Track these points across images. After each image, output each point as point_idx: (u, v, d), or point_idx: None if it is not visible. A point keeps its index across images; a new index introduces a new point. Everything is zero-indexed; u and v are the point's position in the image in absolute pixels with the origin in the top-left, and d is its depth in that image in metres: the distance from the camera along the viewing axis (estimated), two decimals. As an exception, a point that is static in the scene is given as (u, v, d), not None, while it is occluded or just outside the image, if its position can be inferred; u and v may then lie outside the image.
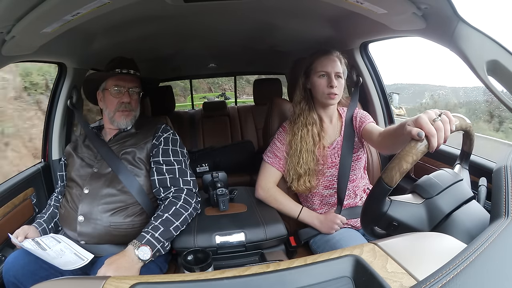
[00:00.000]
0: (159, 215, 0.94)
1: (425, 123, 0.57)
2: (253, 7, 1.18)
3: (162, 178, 1.02)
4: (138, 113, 1.13)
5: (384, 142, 0.94)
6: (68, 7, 0.79)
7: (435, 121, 0.57)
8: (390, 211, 0.61)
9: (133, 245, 0.87)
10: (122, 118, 1.08)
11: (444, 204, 0.61)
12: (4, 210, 1.14)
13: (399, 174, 0.57)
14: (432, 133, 0.56)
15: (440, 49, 0.82)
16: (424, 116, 0.58)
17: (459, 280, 0.38)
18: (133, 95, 1.09)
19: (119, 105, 1.07)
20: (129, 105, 1.08)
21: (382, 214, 0.61)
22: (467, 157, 0.74)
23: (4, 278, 0.92)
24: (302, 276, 0.45)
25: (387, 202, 0.62)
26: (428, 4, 0.79)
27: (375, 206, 0.62)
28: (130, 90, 1.08)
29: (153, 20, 1.24)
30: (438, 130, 0.56)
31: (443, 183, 0.64)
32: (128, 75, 1.08)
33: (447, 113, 0.59)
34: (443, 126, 0.57)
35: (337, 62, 1.08)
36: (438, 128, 0.57)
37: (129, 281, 0.45)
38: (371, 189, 0.63)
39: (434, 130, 0.56)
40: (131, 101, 1.08)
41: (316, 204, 1.14)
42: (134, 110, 1.10)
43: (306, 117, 1.11)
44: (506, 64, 0.70)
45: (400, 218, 0.61)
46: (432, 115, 0.59)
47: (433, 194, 0.63)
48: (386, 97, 1.53)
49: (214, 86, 10.17)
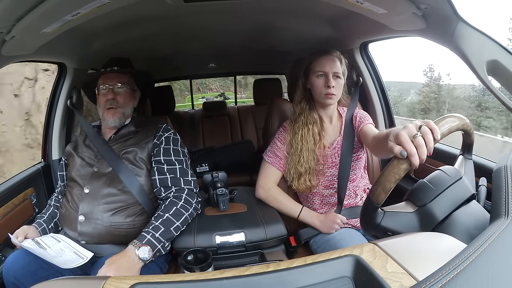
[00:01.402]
0: (160, 215, 0.94)
1: (405, 141, 0.55)
2: (253, 7, 1.18)
3: (163, 178, 1.02)
4: (128, 110, 1.12)
5: (375, 147, 0.95)
6: (68, 7, 0.79)
7: (415, 138, 0.55)
8: (384, 222, 0.62)
9: (134, 245, 0.87)
10: (110, 116, 1.08)
11: (437, 211, 0.61)
12: (4, 210, 1.14)
13: (384, 194, 0.58)
14: (412, 153, 0.54)
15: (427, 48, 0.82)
16: (404, 133, 0.56)
17: (459, 280, 0.38)
18: (119, 92, 1.09)
19: (105, 103, 1.08)
20: (114, 102, 1.07)
21: (376, 225, 0.62)
22: (469, 147, 0.71)
23: (4, 278, 0.92)
24: (302, 276, 0.45)
25: (380, 213, 0.62)
26: (428, 4, 0.79)
27: (368, 219, 0.63)
28: (115, 87, 1.08)
29: (153, 20, 1.24)
30: (419, 147, 0.54)
31: (437, 188, 0.63)
32: (112, 72, 1.09)
33: (428, 123, 0.56)
34: (425, 139, 0.54)
35: (336, 62, 1.08)
36: (418, 145, 0.54)
37: (129, 281, 0.45)
38: (363, 204, 0.64)
39: (414, 149, 0.54)
40: (116, 97, 1.08)
41: (316, 204, 1.14)
42: (122, 107, 1.09)
43: (307, 117, 1.11)
44: (506, 64, 0.70)
45: (394, 228, 0.61)
46: (412, 131, 0.56)
47: (426, 202, 0.62)
48: (386, 97, 1.53)
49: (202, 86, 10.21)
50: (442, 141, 0.63)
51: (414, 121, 0.59)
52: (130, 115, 1.14)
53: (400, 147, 0.55)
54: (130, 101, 1.12)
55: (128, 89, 1.11)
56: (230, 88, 9.67)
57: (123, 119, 1.11)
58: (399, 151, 0.55)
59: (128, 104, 1.11)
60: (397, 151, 0.55)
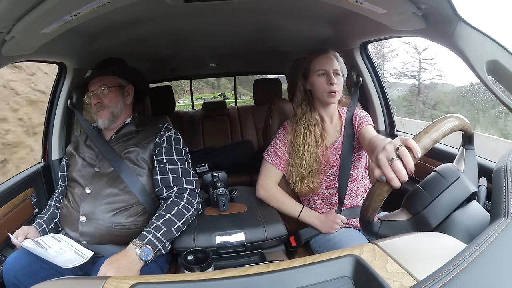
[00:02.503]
0: (162, 215, 0.94)
1: (383, 165, 0.55)
2: (253, 7, 1.18)
3: (165, 177, 1.02)
4: (118, 108, 1.11)
5: (370, 152, 0.95)
6: (68, 7, 0.79)
7: (392, 162, 0.55)
8: (381, 230, 0.64)
9: (135, 245, 0.87)
10: (99, 117, 1.09)
11: (431, 218, 0.61)
12: (4, 210, 1.14)
13: (375, 211, 0.61)
14: (390, 178, 0.54)
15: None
16: (382, 156, 0.56)
17: (459, 280, 0.38)
18: (104, 94, 1.09)
19: (94, 108, 1.09)
20: (100, 105, 1.08)
21: (375, 233, 0.64)
22: (469, 138, 0.70)
23: (4, 278, 0.92)
24: (302, 276, 0.45)
25: (377, 224, 0.64)
26: (428, 4, 0.79)
27: (366, 229, 0.65)
28: (98, 91, 1.09)
29: (153, 20, 1.24)
30: (397, 172, 0.54)
31: (431, 193, 0.62)
32: (93, 77, 1.10)
33: (406, 142, 0.56)
34: (404, 161, 0.54)
35: (334, 60, 1.09)
36: (395, 170, 0.54)
37: (129, 281, 0.45)
38: (359, 216, 0.65)
39: (392, 173, 0.54)
40: (102, 100, 1.08)
41: (317, 204, 1.14)
42: (109, 107, 1.09)
43: (308, 119, 1.11)
44: (506, 64, 0.70)
45: (391, 235, 0.62)
46: (390, 154, 0.56)
47: (419, 210, 0.62)
48: (386, 97, 1.53)
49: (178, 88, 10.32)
50: (442, 140, 0.62)
51: (395, 139, 0.58)
52: (123, 112, 1.13)
53: (379, 172, 0.56)
54: (118, 99, 1.11)
55: (112, 88, 1.10)
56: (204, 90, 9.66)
57: (113, 117, 1.10)
58: (378, 176, 0.56)
59: (116, 103, 1.10)
60: (377, 175, 0.57)
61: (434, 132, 0.58)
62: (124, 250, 0.87)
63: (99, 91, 1.09)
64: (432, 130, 0.58)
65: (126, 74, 1.16)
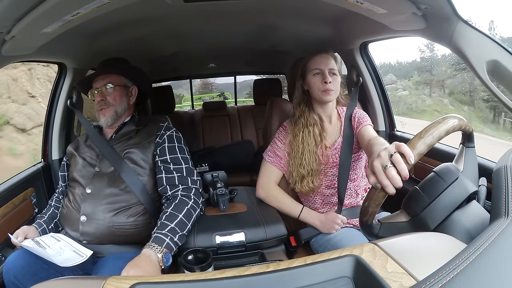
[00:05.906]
0: (174, 215, 0.92)
1: (377, 172, 0.56)
2: (253, 7, 1.18)
3: (170, 177, 1.02)
4: (122, 107, 1.11)
5: (368, 153, 0.95)
6: (68, 7, 0.79)
7: (386, 169, 0.55)
8: (381, 232, 0.65)
9: (154, 250, 0.84)
10: (102, 115, 1.08)
11: (429, 220, 0.61)
12: (4, 210, 1.13)
13: (373, 216, 0.62)
14: (385, 184, 0.55)
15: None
16: (377, 163, 0.56)
17: (459, 280, 0.39)
18: (109, 92, 1.08)
19: (97, 105, 1.09)
20: (104, 103, 1.08)
21: (375, 235, 0.65)
22: (469, 136, 0.69)
23: (5, 278, 0.91)
24: (302, 276, 0.45)
25: (377, 226, 0.65)
26: (428, 4, 0.79)
27: (366, 230, 0.66)
28: (103, 89, 1.08)
29: (153, 20, 1.24)
30: (391, 179, 0.55)
31: (430, 195, 0.62)
32: (99, 75, 1.09)
33: (400, 148, 0.55)
34: (398, 168, 0.54)
35: (330, 59, 1.09)
36: (390, 177, 0.55)
37: (129, 281, 0.45)
38: (359, 218, 0.66)
39: (386, 180, 0.55)
40: (106, 98, 1.08)
41: (317, 204, 1.14)
42: (113, 105, 1.09)
43: (307, 118, 1.12)
44: (506, 64, 0.70)
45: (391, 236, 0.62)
46: (384, 161, 0.56)
47: (418, 212, 0.62)
48: (386, 97, 1.53)
49: None
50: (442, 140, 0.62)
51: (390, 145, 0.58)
52: (126, 112, 1.13)
53: (374, 180, 0.57)
54: (122, 99, 1.11)
55: (117, 87, 1.10)
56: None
57: (116, 116, 1.09)
58: (373, 182, 0.57)
59: (121, 102, 1.10)
60: (372, 182, 0.57)
61: (428, 136, 0.57)
62: (145, 255, 0.83)
63: (103, 88, 1.08)
64: (427, 135, 0.57)
65: (131, 75, 1.16)
